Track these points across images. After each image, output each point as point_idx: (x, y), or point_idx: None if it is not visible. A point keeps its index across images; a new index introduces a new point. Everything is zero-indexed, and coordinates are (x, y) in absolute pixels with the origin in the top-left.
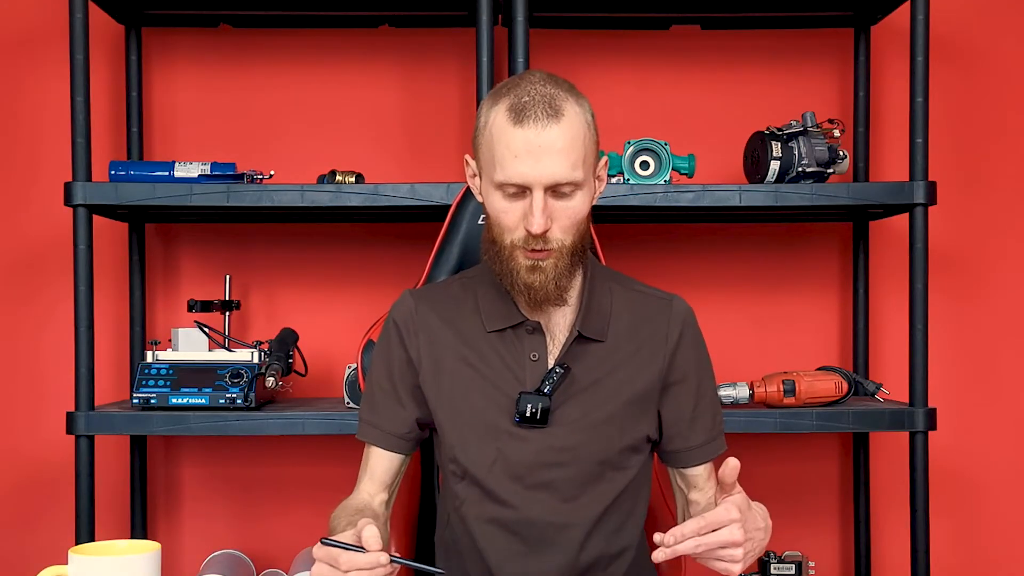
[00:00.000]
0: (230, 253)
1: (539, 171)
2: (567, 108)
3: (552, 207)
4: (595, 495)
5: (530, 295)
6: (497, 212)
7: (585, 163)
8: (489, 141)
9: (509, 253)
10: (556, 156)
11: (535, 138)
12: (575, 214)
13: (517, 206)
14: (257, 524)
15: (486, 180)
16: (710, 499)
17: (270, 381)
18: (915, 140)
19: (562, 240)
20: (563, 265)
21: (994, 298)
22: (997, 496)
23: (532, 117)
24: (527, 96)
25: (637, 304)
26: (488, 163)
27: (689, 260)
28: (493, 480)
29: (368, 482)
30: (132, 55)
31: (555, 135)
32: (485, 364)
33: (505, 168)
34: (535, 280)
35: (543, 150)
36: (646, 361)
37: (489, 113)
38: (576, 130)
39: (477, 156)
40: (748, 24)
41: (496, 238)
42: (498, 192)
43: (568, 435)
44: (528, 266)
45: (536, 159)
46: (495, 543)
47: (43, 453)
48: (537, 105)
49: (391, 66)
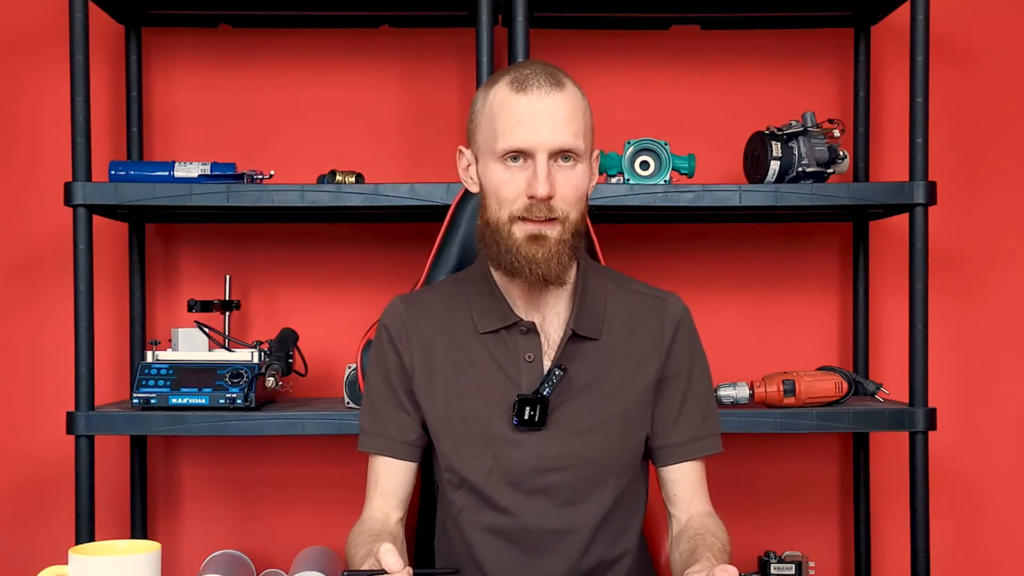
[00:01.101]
0: (230, 253)
1: (543, 136)
2: (567, 82)
3: (555, 175)
4: (595, 500)
5: (531, 269)
6: (497, 184)
7: (585, 139)
8: (490, 117)
9: (507, 229)
10: (560, 122)
11: (538, 103)
12: (577, 186)
13: (519, 176)
14: (257, 524)
15: (485, 158)
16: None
17: (270, 381)
18: (915, 140)
19: (566, 211)
20: (566, 240)
21: (994, 298)
22: (997, 496)
23: (535, 85)
24: (528, 69)
25: (632, 303)
26: (488, 139)
27: (689, 260)
28: (491, 487)
29: (380, 499)
30: (132, 55)
31: (558, 102)
32: (478, 367)
33: (507, 136)
34: (537, 252)
35: (547, 115)
36: (642, 361)
37: (488, 93)
38: (577, 103)
39: (474, 140)
40: (748, 24)
41: (492, 216)
42: (499, 164)
43: (566, 439)
44: (528, 236)
45: (540, 123)
46: (493, 552)
47: (43, 453)
48: (539, 75)
49: (391, 66)
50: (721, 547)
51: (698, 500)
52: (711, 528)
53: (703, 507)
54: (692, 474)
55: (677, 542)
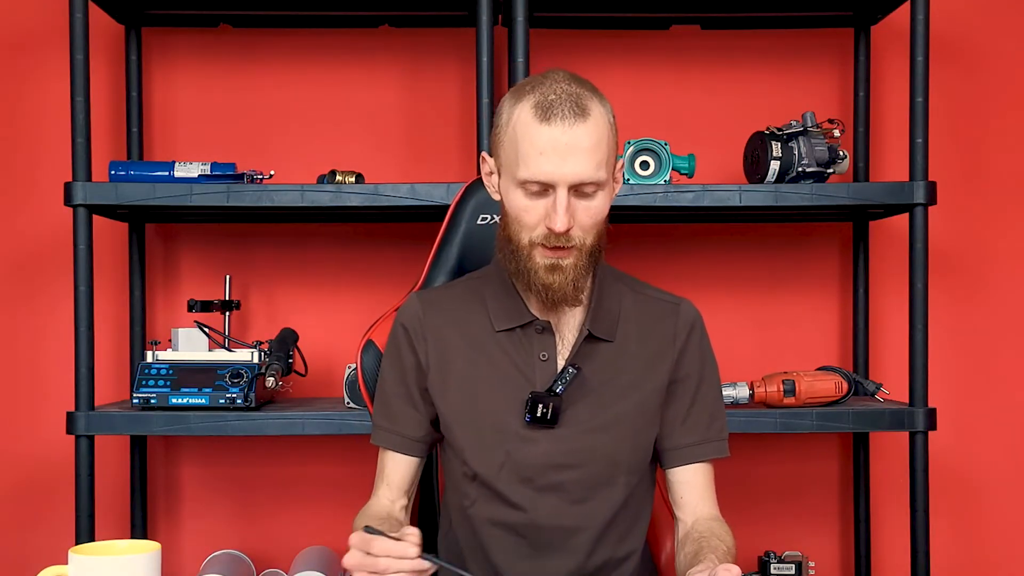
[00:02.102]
0: (230, 253)
1: (565, 170)
2: (593, 108)
3: (574, 206)
4: (605, 498)
5: (547, 295)
6: (518, 210)
7: (608, 164)
8: (513, 138)
9: (528, 253)
10: (582, 155)
11: (561, 136)
12: (596, 214)
13: (539, 204)
14: (257, 524)
15: (506, 177)
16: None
17: (270, 381)
18: (915, 140)
19: (583, 239)
20: (582, 265)
21: (994, 298)
22: (997, 496)
23: (559, 115)
24: (553, 94)
25: (646, 307)
26: (511, 160)
27: (689, 260)
28: (503, 483)
29: (386, 488)
30: (132, 55)
31: (581, 134)
32: (493, 365)
33: (530, 165)
34: (554, 281)
35: (569, 148)
36: (654, 364)
37: (513, 110)
38: (601, 130)
39: (497, 153)
40: (748, 24)
41: (513, 236)
42: (520, 190)
43: (577, 436)
44: (547, 265)
45: (562, 157)
46: (502, 546)
47: (43, 453)
48: (564, 103)
49: (391, 66)
50: (726, 550)
51: (705, 503)
52: (716, 531)
53: (710, 510)
54: (699, 477)
55: (682, 544)
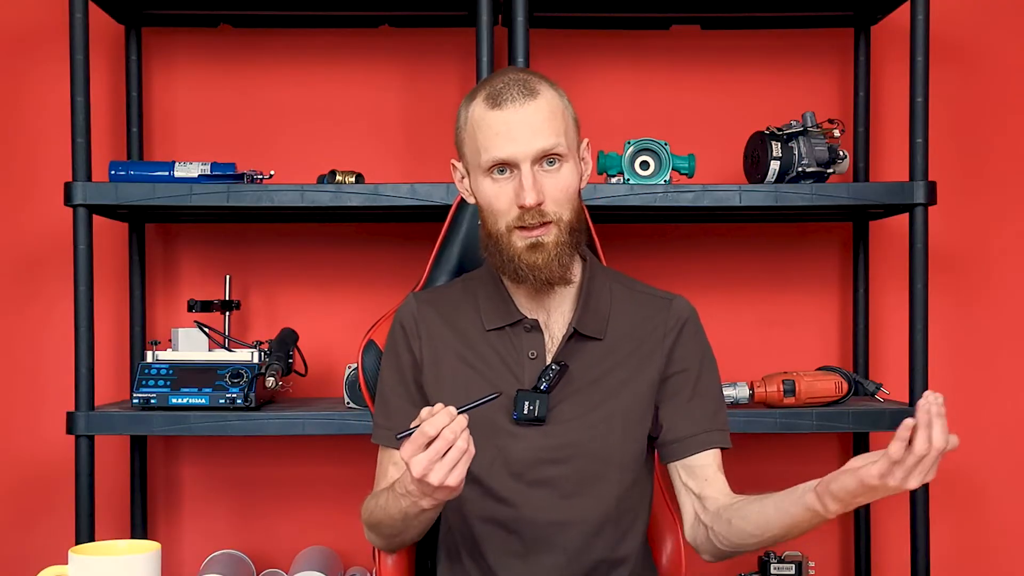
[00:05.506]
0: (230, 253)
1: (523, 144)
2: (541, 88)
3: (541, 181)
4: (595, 494)
5: (534, 275)
6: (488, 199)
7: (567, 136)
8: (472, 133)
9: (506, 240)
10: (537, 128)
11: (514, 115)
12: (566, 187)
13: (507, 187)
14: (257, 524)
15: (475, 173)
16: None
17: (270, 381)
18: (915, 140)
19: (558, 213)
20: (563, 242)
21: (994, 298)
22: (997, 496)
23: (508, 98)
24: (501, 83)
25: (638, 304)
26: (474, 153)
27: (689, 260)
28: (493, 478)
29: (385, 484)
30: (132, 55)
31: (532, 110)
32: (484, 363)
33: (489, 149)
34: (537, 259)
35: (524, 124)
36: (645, 360)
37: (467, 109)
38: (553, 105)
39: (462, 154)
40: (748, 24)
41: (491, 228)
42: (487, 178)
43: (566, 432)
44: (527, 246)
45: (519, 132)
46: (495, 543)
47: (43, 453)
48: (512, 88)
49: (391, 66)
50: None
51: (726, 484)
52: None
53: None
54: (716, 460)
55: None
